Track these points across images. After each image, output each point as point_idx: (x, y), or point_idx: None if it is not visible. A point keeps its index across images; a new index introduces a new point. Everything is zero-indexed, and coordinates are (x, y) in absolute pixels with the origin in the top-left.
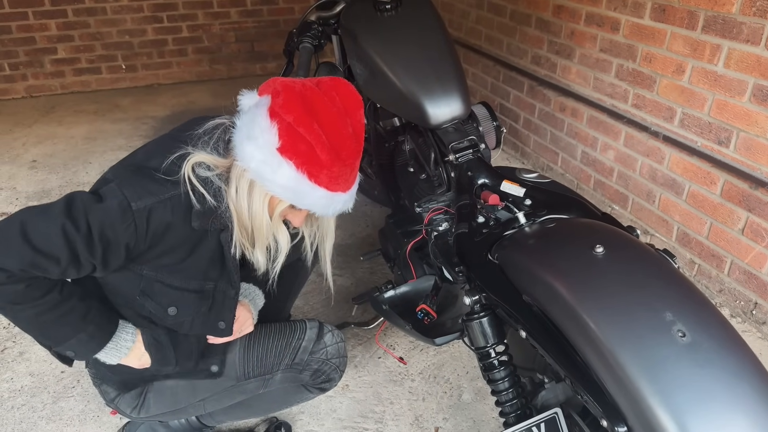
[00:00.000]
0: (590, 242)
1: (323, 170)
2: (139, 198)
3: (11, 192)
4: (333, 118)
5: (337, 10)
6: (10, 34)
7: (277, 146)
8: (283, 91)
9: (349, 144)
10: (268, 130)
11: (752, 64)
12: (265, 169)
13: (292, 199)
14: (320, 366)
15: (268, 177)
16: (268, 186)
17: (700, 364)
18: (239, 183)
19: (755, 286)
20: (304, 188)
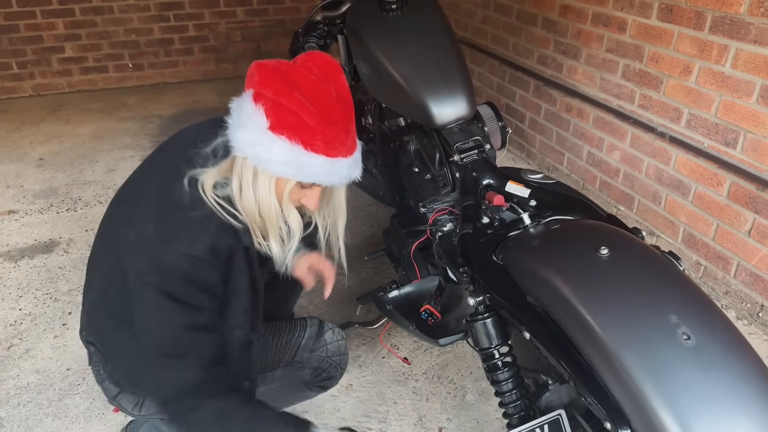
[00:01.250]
0: (595, 244)
1: (316, 136)
2: (195, 242)
3: (18, 190)
4: (313, 85)
5: (343, 10)
6: (18, 33)
7: (267, 125)
8: (256, 70)
9: (336, 107)
10: (255, 113)
11: (760, 65)
12: (261, 150)
13: (295, 174)
14: (320, 363)
15: (266, 157)
16: (268, 167)
17: (704, 367)
18: (242, 174)
19: (762, 288)
20: (302, 159)
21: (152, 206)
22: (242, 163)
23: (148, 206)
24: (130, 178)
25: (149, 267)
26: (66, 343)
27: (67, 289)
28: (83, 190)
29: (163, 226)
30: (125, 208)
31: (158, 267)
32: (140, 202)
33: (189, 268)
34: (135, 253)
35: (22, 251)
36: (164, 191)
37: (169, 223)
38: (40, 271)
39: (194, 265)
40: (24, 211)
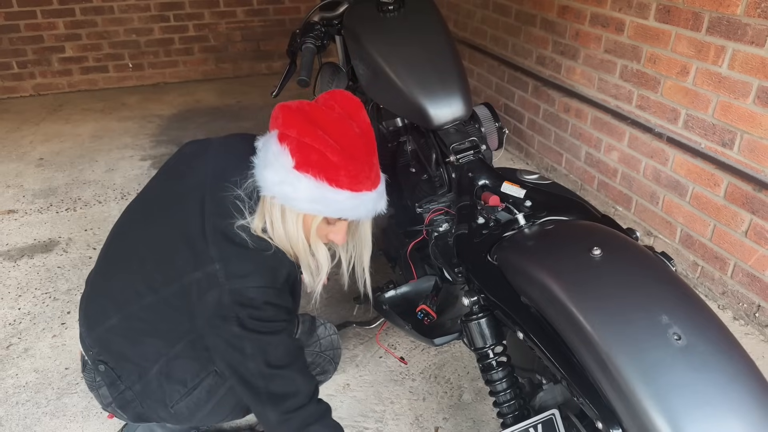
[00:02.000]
0: (588, 244)
1: (340, 172)
2: (275, 277)
3: (18, 189)
4: (335, 122)
5: (341, 10)
6: (19, 33)
7: (293, 165)
8: (281, 112)
9: (358, 142)
10: (281, 153)
11: (757, 66)
12: (287, 189)
13: (322, 210)
14: (314, 359)
15: (292, 196)
16: (295, 205)
17: (695, 367)
18: (272, 213)
19: (758, 289)
20: (328, 195)
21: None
22: (270, 202)
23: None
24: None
25: (229, 303)
26: (65, 343)
27: (66, 289)
28: (83, 189)
29: (234, 266)
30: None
31: (242, 301)
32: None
33: (272, 298)
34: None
35: (21, 251)
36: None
37: (240, 263)
38: (40, 270)
39: (277, 295)
40: (24, 210)
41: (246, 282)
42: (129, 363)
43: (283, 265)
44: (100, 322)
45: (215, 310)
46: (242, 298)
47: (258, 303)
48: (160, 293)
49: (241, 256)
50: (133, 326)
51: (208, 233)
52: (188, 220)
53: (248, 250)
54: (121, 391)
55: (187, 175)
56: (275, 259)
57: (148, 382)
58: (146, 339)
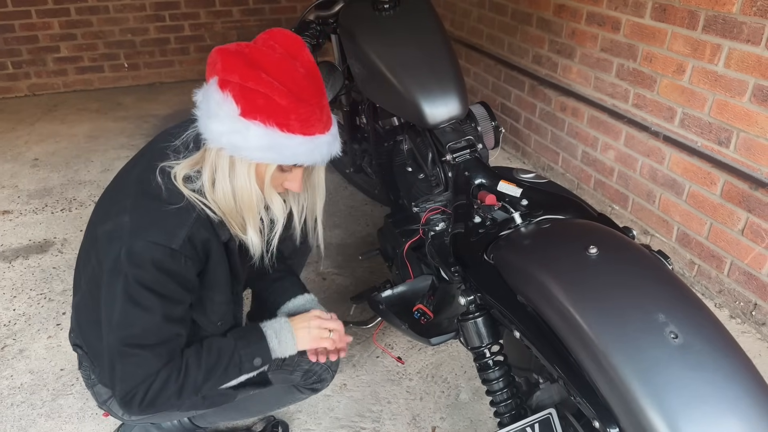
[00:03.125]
0: (584, 243)
1: (290, 116)
2: (173, 234)
3: (13, 190)
4: (278, 64)
5: (336, 9)
6: (13, 33)
7: (238, 112)
8: (218, 56)
9: (304, 84)
10: (224, 101)
11: (752, 64)
12: (237, 138)
13: (275, 158)
14: (311, 366)
15: (243, 144)
16: (246, 154)
17: (691, 365)
18: (217, 166)
19: (755, 287)
20: (280, 141)
21: (129, 199)
22: (216, 154)
23: (125, 199)
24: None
25: (124, 257)
26: (60, 344)
27: (62, 290)
28: (78, 190)
29: (139, 217)
30: (105, 203)
31: (133, 258)
32: (118, 196)
33: (165, 259)
34: (110, 245)
35: (16, 251)
36: (140, 183)
37: (145, 215)
38: (35, 271)
39: (171, 257)
40: (18, 211)
41: (141, 235)
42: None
43: (184, 224)
44: (73, 301)
45: (111, 264)
46: (133, 254)
47: (145, 261)
48: (93, 257)
49: (149, 207)
50: (86, 303)
51: (131, 183)
52: (124, 176)
53: (157, 201)
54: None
55: (145, 147)
56: (178, 217)
57: None
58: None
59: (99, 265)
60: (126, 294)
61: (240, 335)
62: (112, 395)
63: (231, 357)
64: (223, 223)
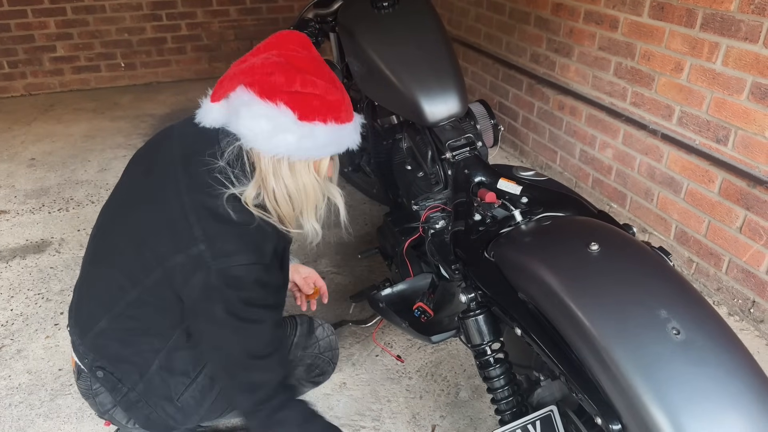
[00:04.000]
0: (585, 240)
1: (341, 107)
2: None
3: (10, 190)
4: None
5: (335, 7)
6: (9, 32)
7: (297, 117)
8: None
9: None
10: (281, 112)
11: (750, 62)
12: (305, 143)
13: (334, 149)
14: (313, 360)
15: (310, 146)
16: (314, 154)
17: (694, 361)
18: (279, 172)
19: (753, 285)
20: (339, 133)
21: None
22: (274, 163)
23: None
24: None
25: (218, 283)
26: (58, 344)
27: (59, 289)
28: (75, 189)
29: (222, 244)
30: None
31: (232, 282)
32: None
33: (263, 275)
34: (192, 276)
35: (13, 251)
36: (199, 208)
37: (227, 240)
38: (32, 271)
39: (267, 271)
40: (15, 211)
41: (233, 260)
42: (127, 364)
43: (268, 239)
44: (90, 328)
45: (201, 293)
46: (230, 278)
47: (247, 282)
48: (142, 284)
49: (226, 233)
50: (123, 326)
51: (189, 212)
52: (165, 202)
53: (233, 225)
54: (125, 393)
55: (158, 161)
56: (260, 234)
57: (149, 379)
58: (138, 337)
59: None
60: (234, 315)
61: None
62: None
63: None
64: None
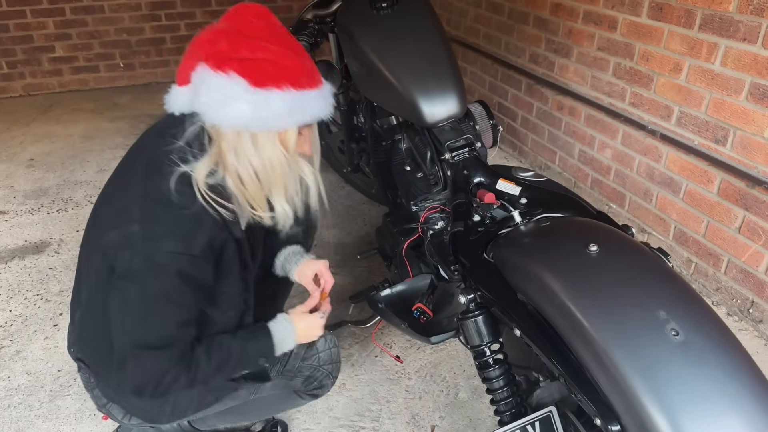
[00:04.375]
0: (585, 241)
1: (299, 73)
2: (191, 241)
3: (8, 191)
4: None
5: (334, 8)
6: (8, 32)
7: (249, 84)
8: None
9: (294, 43)
10: (230, 81)
11: (749, 63)
12: (259, 112)
13: (299, 119)
14: (312, 372)
15: (266, 115)
16: (272, 124)
17: (693, 362)
18: (241, 146)
19: (752, 285)
20: (299, 100)
21: (136, 206)
22: (237, 137)
23: (131, 206)
24: (109, 180)
25: (141, 266)
26: (57, 344)
27: (58, 290)
28: (74, 190)
29: (152, 225)
30: (104, 213)
31: (153, 268)
32: (121, 205)
33: (187, 267)
34: (120, 254)
35: (12, 252)
36: (146, 190)
37: (159, 223)
38: (31, 272)
39: (192, 263)
40: (14, 211)
41: (160, 245)
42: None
43: (203, 230)
44: (73, 319)
45: (123, 271)
46: (152, 264)
47: (168, 271)
48: (92, 267)
49: (161, 216)
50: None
51: (137, 193)
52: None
53: (171, 208)
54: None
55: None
56: (195, 222)
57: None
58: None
59: (97, 274)
60: (142, 302)
61: (249, 336)
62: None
63: (239, 358)
64: (236, 220)
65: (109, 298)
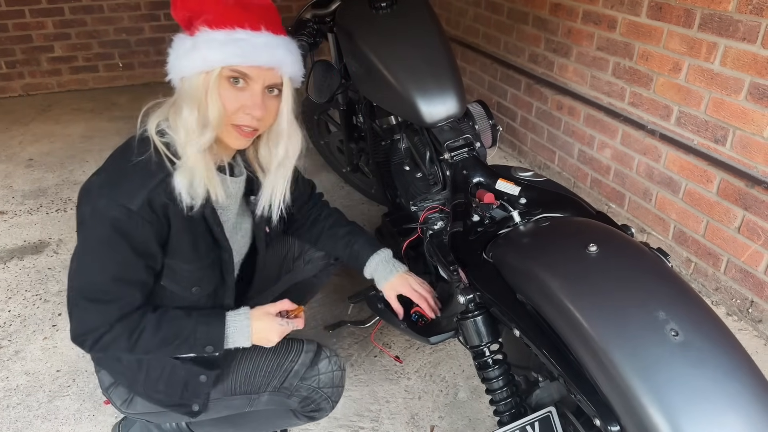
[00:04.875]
0: (584, 241)
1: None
2: (133, 197)
3: (7, 191)
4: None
5: (333, 8)
6: (7, 32)
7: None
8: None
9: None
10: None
11: (748, 62)
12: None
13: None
14: (310, 394)
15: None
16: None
17: (692, 363)
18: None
19: (751, 285)
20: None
21: (107, 159)
22: (183, 84)
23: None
24: None
25: (88, 214)
26: (56, 345)
27: (57, 290)
28: (73, 190)
29: (108, 176)
30: None
31: (95, 214)
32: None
33: (122, 218)
34: (80, 202)
35: (11, 252)
36: (121, 146)
37: (113, 174)
38: (30, 272)
39: (128, 217)
40: (13, 211)
41: (108, 193)
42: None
43: (145, 187)
44: None
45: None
46: (96, 211)
47: (104, 218)
48: None
49: (115, 167)
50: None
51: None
52: None
53: (125, 160)
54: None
55: None
56: (141, 179)
57: None
58: None
59: None
60: (84, 248)
61: (203, 320)
62: (113, 383)
63: (186, 338)
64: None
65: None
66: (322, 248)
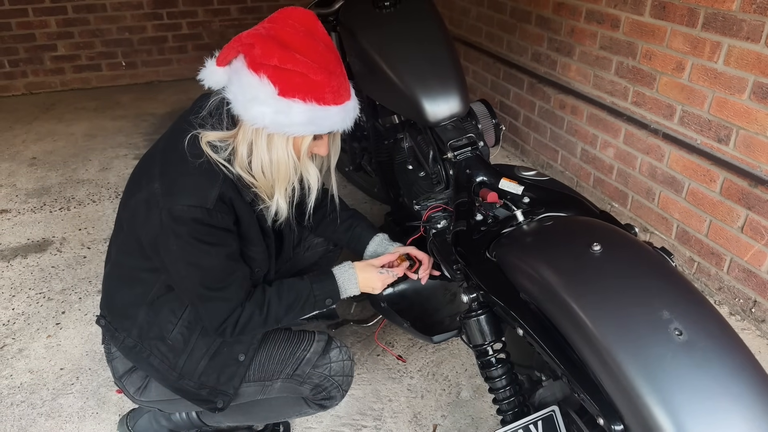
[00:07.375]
0: (588, 240)
1: (325, 89)
2: (206, 197)
3: (11, 189)
4: (305, 42)
5: (336, 6)
6: (10, 31)
7: (277, 92)
8: (256, 42)
9: (329, 56)
10: (261, 84)
11: (752, 62)
12: (280, 118)
13: (314, 130)
14: (321, 381)
15: (285, 122)
16: (289, 130)
17: (696, 362)
18: (256, 142)
19: (754, 284)
20: (319, 114)
21: (157, 167)
22: (255, 132)
23: (153, 167)
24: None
25: (167, 220)
26: (59, 343)
27: (61, 289)
28: (76, 189)
29: (170, 182)
30: (135, 177)
31: (176, 220)
32: (147, 167)
33: (204, 217)
34: (149, 212)
35: (14, 250)
36: (165, 151)
37: (174, 179)
38: (33, 270)
39: (209, 215)
40: (17, 210)
41: (177, 200)
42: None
43: (214, 185)
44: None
45: (159, 228)
46: (175, 217)
47: (187, 221)
48: (122, 227)
49: (176, 172)
50: (116, 272)
51: (158, 153)
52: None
53: (184, 164)
54: (122, 340)
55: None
56: (207, 178)
57: (140, 324)
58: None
59: (133, 234)
60: (184, 248)
61: (315, 279)
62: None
63: (307, 298)
64: (248, 186)
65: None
66: (321, 234)
